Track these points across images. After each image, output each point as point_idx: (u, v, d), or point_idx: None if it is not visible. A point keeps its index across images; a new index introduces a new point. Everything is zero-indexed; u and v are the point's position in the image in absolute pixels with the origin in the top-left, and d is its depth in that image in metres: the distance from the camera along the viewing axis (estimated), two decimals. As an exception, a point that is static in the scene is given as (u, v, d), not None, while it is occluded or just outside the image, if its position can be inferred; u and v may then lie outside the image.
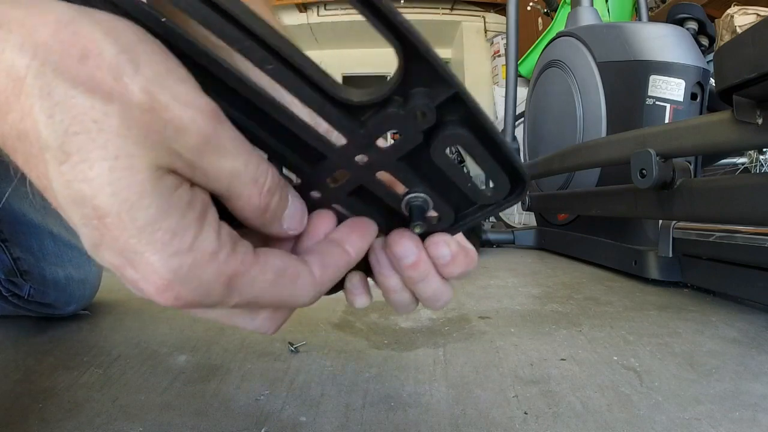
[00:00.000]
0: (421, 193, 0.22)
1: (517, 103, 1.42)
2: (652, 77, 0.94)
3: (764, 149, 1.20)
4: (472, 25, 4.41)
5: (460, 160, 2.81)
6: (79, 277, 0.55)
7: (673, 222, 0.76)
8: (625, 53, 1.00)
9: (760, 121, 0.49)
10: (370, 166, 0.20)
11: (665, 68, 0.94)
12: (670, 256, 0.77)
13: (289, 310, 0.23)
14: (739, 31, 1.34)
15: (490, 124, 0.19)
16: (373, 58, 5.11)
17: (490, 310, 0.63)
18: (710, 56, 1.15)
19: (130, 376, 0.39)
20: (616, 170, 0.89)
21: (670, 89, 0.93)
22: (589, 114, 1.10)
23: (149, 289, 0.16)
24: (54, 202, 0.15)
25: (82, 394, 0.36)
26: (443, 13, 4.45)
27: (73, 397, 0.35)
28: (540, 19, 2.90)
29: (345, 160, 0.20)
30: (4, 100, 0.14)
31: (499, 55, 3.80)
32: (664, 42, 0.96)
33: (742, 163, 1.29)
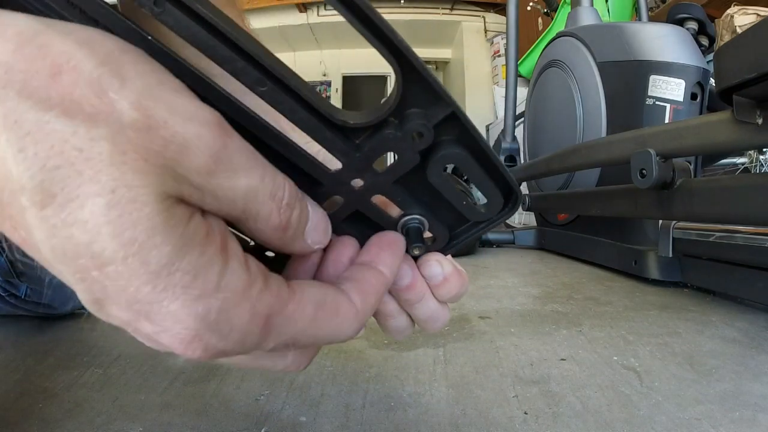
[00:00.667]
0: (417, 215, 0.22)
1: (517, 103, 1.42)
2: (652, 77, 0.94)
3: (764, 149, 1.20)
4: (472, 25, 4.41)
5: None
6: None
7: (673, 222, 0.76)
8: (625, 53, 1.00)
9: (760, 121, 0.49)
10: (366, 191, 0.20)
11: (665, 68, 0.94)
12: (670, 256, 0.77)
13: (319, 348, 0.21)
14: (739, 31, 1.34)
15: (485, 142, 0.19)
16: (373, 58, 5.11)
17: (490, 310, 0.63)
18: (710, 56, 1.15)
19: (130, 376, 0.39)
20: (616, 170, 0.89)
21: (670, 89, 0.93)
22: (589, 114, 1.10)
23: (172, 342, 0.13)
24: (38, 256, 0.12)
25: (82, 394, 0.36)
26: (443, 13, 4.45)
27: (73, 397, 0.35)
28: (540, 19, 2.90)
29: (340, 185, 0.19)
30: None
31: (499, 55, 3.80)
32: (664, 42, 0.96)
33: (742, 163, 1.29)
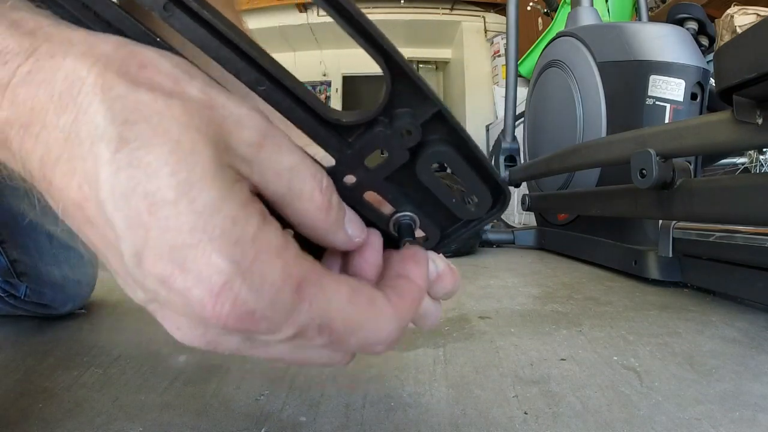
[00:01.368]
0: (409, 213, 0.22)
1: (517, 103, 1.42)
2: (652, 77, 0.94)
3: (764, 149, 1.20)
4: (472, 25, 4.41)
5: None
6: (75, 278, 0.55)
7: (673, 222, 0.76)
8: (625, 53, 1.00)
9: (760, 121, 0.49)
10: (358, 187, 0.21)
11: (665, 68, 0.94)
12: (670, 256, 0.77)
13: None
14: (739, 31, 1.34)
15: (471, 141, 0.20)
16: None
17: (490, 310, 0.63)
18: (710, 56, 1.15)
19: (130, 376, 0.39)
20: (616, 170, 0.89)
21: (670, 89, 0.93)
22: (589, 114, 1.10)
23: (202, 295, 0.13)
24: (90, 209, 0.13)
25: (82, 394, 0.36)
26: (443, 13, 4.45)
27: (73, 397, 0.35)
28: (540, 19, 2.90)
29: (334, 182, 0.20)
30: (57, 104, 0.13)
31: (499, 55, 3.80)
32: (664, 42, 0.96)
33: (742, 163, 1.29)
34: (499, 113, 3.40)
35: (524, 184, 1.42)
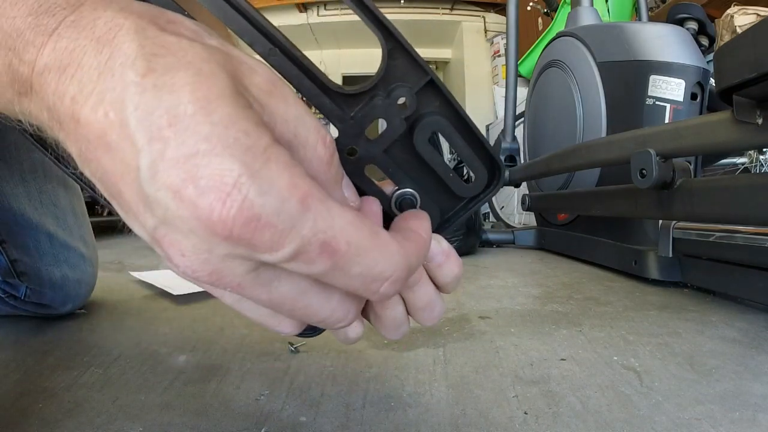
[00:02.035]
0: (410, 189, 0.23)
1: (517, 103, 1.42)
2: (652, 77, 0.94)
3: (764, 149, 1.20)
4: (472, 25, 4.41)
5: (460, 161, 2.80)
6: (75, 277, 0.55)
7: (673, 222, 0.76)
8: (625, 53, 1.00)
9: (760, 121, 0.49)
10: (360, 160, 0.21)
11: (665, 68, 0.94)
12: (670, 256, 0.77)
13: (363, 301, 0.20)
14: (739, 31, 1.34)
15: (464, 113, 0.22)
16: (373, 58, 5.11)
17: (490, 310, 0.63)
18: (710, 56, 1.15)
19: (130, 376, 0.39)
20: (616, 170, 0.89)
21: (670, 89, 0.93)
22: (589, 114, 1.10)
23: (211, 198, 0.14)
24: (114, 130, 0.14)
25: (82, 394, 0.36)
26: (443, 13, 4.45)
27: (73, 397, 0.35)
28: (540, 19, 2.90)
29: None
30: (96, 45, 0.15)
31: (499, 55, 3.80)
32: (664, 42, 0.96)
33: (742, 163, 1.29)
34: (499, 113, 3.40)
35: (524, 184, 1.42)
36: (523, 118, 1.49)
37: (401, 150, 0.22)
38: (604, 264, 0.99)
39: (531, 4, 2.55)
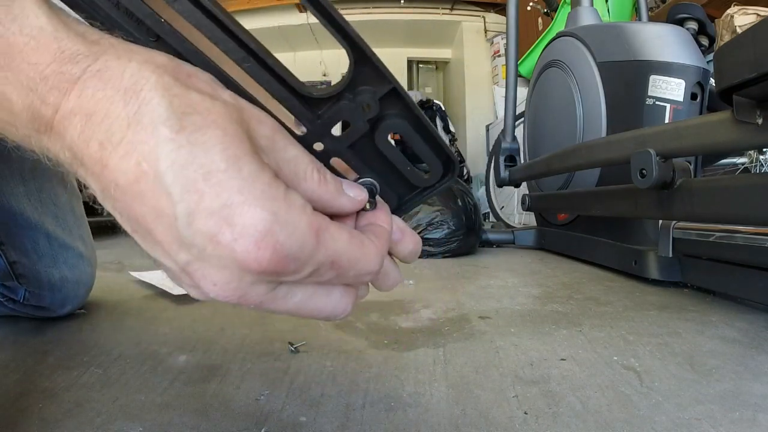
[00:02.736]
0: (369, 179, 0.25)
1: (517, 103, 1.42)
2: (652, 77, 0.94)
3: (764, 149, 1.20)
4: (472, 25, 4.41)
5: (460, 160, 2.85)
6: (74, 278, 0.55)
7: (673, 222, 0.76)
8: (625, 53, 1.00)
9: (760, 121, 0.49)
10: (326, 153, 0.24)
11: (665, 68, 0.94)
12: (670, 256, 0.77)
13: (357, 290, 0.24)
14: (739, 31, 1.34)
15: (423, 116, 0.24)
16: (373, 58, 5.10)
17: (490, 310, 0.63)
18: (710, 56, 1.15)
19: (130, 376, 0.39)
20: (616, 170, 0.89)
21: (670, 89, 0.93)
22: (589, 114, 1.10)
23: (247, 245, 0.16)
24: (148, 180, 0.16)
25: (82, 394, 0.36)
26: (443, 13, 4.45)
27: (73, 397, 0.35)
28: (540, 19, 2.90)
29: (305, 147, 0.22)
30: (123, 96, 0.16)
31: (499, 55, 3.80)
32: (664, 42, 0.96)
33: (742, 163, 1.29)
34: (499, 113, 3.40)
35: (524, 184, 1.42)
36: (523, 118, 1.49)
37: (365, 145, 0.24)
38: (604, 264, 0.99)
39: (531, 4, 2.55)
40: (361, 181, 0.25)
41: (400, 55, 5.11)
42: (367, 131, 0.23)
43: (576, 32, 1.16)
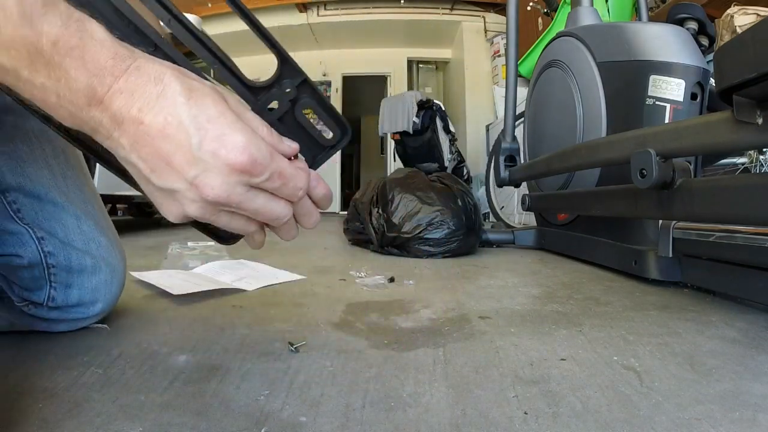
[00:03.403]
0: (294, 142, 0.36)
1: (517, 103, 1.42)
2: (652, 77, 0.94)
3: (764, 149, 1.20)
4: (472, 25, 4.41)
5: (460, 161, 2.87)
6: (107, 267, 0.51)
7: (673, 222, 0.76)
8: (625, 53, 1.00)
9: (760, 121, 0.49)
10: None
11: (665, 68, 0.94)
12: (670, 256, 0.77)
13: (293, 206, 0.34)
14: (739, 31, 1.34)
15: (324, 97, 0.38)
16: (372, 58, 5.10)
17: (490, 310, 0.63)
18: (710, 56, 1.15)
19: (130, 376, 0.39)
20: (616, 170, 0.89)
21: (670, 89, 0.93)
22: (589, 114, 1.10)
23: (234, 153, 0.28)
24: (172, 126, 0.27)
25: (82, 394, 0.36)
26: (443, 13, 4.45)
27: (73, 397, 0.35)
28: (540, 19, 2.90)
29: None
30: (152, 81, 0.27)
31: (499, 55, 3.80)
32: (664, 42, 0.96)
33: (742, 163, 1.29)
34: (499, 113, 3.40)
35: (524, 184, 1.42)
36: (523, 118, 1.49)
37: (288, 118, 0.37)
38: (604, 264, 0.99)
39: (531, 4, 2.55)
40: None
41: (400, 55, 5.12)
42: (289, 108, 0.37)
43: (576, 32, 1.16)
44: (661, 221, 0.79)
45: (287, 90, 0.36)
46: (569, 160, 0.91)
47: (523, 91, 1.54)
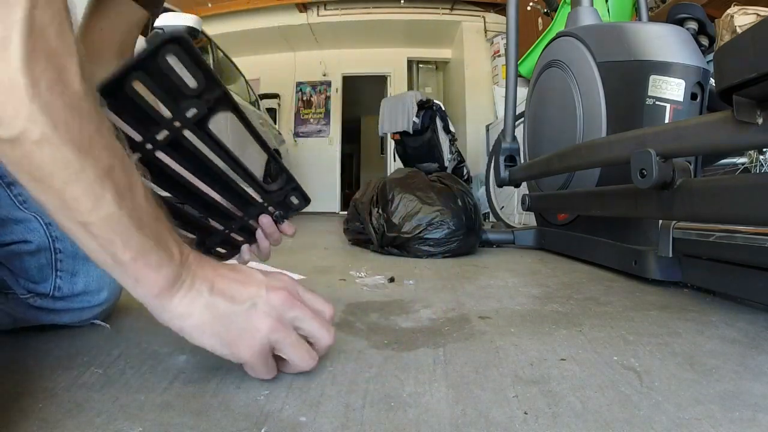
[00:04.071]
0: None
1: (517, 103, 1.42)
2: (652, 77, 0.94)
3: (764, 149, 1.20)
4: (472, 25, 4.41)
5: (460, 161, 2.87)
6: None
7: (673, 222, 0.76)
8: (625, 53, 1.00)
9: (760, 121, 0.49)
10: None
11: (665, 68, 0.94)
12: (670, 256, 0.77)
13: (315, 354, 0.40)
14: (739, 31, 1.34)
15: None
16: (373, 58, 5.11)
17: (490, 310, 0.63)
18: (710, 56, 1.15)
19: (130, 376, 0.39)
20: (616, 170, 0.89)
21: (670, 89, 0.93)
22: (589, 114, 1.10)
23: (244, 349, 0.36)
24: (192, 318, 0.35)
25: (82, 394, 0.36)
26: (443, 13, 4.45)
27: (73, 397, 0.35)
28: (540, 19, 2.90)
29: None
30: (197, 291, 0.35)
31: (499, 55, 3.80)
32: (664, 42, 0.96)
33: (742, 163, 1.29)
34: (499, 113, 3.40)
35: (524, 184, 1.42)
36: (523, 118, 1.49)
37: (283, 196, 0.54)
38: (604, 264, 0.99)
39: (531, 4, 2.55)
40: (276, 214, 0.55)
41: (400, 55, 5.12)
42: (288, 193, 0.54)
43: (576, 32, 1.16)
44: (661, 221, 0.79)
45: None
46: (569, 160, 0.91)
47: (523, 91, 1.54)
